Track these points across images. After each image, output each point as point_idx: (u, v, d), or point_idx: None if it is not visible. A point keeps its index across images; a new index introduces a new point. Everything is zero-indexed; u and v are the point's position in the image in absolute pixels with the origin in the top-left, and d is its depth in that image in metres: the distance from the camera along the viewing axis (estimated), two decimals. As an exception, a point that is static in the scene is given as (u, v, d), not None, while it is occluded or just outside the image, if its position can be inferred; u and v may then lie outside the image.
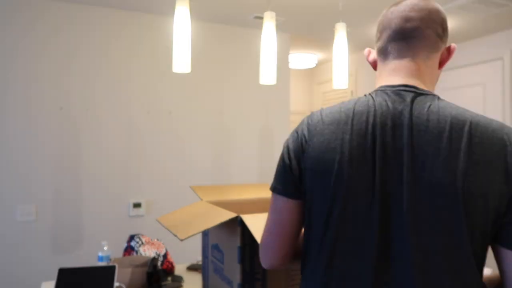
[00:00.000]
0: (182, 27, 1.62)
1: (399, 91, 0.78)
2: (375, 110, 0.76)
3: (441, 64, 0.84)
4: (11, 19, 2.43)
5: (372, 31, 3.20)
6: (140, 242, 1.88)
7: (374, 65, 0.89)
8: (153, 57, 2.81)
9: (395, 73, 0.82)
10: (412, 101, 0.75)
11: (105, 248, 1.71)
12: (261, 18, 2.87)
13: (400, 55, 0.82)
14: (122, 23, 2.72)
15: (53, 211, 2.52)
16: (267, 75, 1.84)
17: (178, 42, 1.61)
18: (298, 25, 3.05)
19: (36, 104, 2.49)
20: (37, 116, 2.49)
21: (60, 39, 2.55)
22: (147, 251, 1.85)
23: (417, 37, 0.80)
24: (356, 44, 3.60)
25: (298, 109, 4.73)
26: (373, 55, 0.89)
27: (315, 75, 4.67)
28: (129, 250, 1.89)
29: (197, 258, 2.46)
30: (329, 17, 2.86)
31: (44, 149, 2.50)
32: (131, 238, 1.93)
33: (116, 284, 1.44)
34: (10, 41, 2.43)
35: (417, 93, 0.77)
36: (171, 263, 1.82)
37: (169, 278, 1.74)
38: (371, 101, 0.77)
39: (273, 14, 1.85)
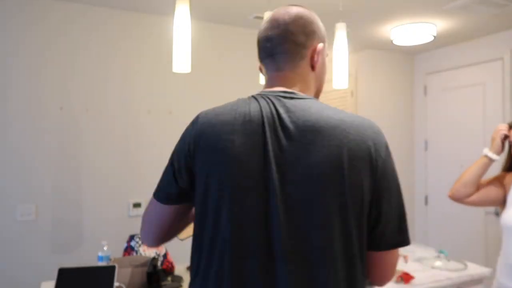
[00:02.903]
0: (182, 27, 1.62)
1: (278, 96, 0.85)
2: (260, 111, 0.82)
3: (313, 66, 0.92)
4: (12, 18, 2.43)
5: (372, 31, 3.20)
6: (140, 242, 1.88)
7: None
8: (153, 57, 2.81)
9: (273, 83, 0.91)
10: (286, 103, 0.83)
11: (105, 248, 1.71)
12: (261, 18, 2.86)
13: (272, 69, 0.91)
14: (122, 23, 2.72)
15: (53, 211, 2.52)
16: (267, 75, 1.83)
17: (178, 42, 1.61)
18: (298, 25, 3.04)
19: (36, 104, 2.49)
20: (37, 116, 2.49)
21: (60, 39, 2.55)
22: (147, 251, 1.85)
23: (279, 52, 0.89)
24: (356, 44, 3.60)
25: (298, 109, 4.72)
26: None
27: (315, 75, 4.67)
28: (129, 250, 1.89)
29: (197, 258, 2.46)
30: (329, 17, 2.86)
31: (44, 149, 2.50)
32: (131, 238, 1.93)
33: (116, 284, 1.44)
34: (11, 41, 2.43)
35: (292, 97, 0.84)
36: (171, 263, 1.83)
37: (169, 278, 1.75)
38: (254, 104, 0.84)
39: (273, 14, 1.85)
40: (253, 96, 0.87)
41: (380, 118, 3.83)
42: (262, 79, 1.87)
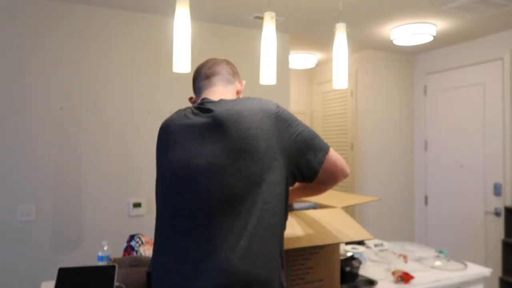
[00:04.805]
0: (182, 27, 1.62)
1: (204, 103, 1.16)
2: (186, 116, 1.15)
3: (238, 93, 1.30)
4: (13, 18, 2.43)
5: (372, 31, 3.20)
6: (140, 242, 1.88)
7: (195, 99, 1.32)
8: (153, 57, 2.81)
9: (206, 95, 1.24)
10: (214, 105, 1.14)
11: (105, 248, 1.71)
12: (261, 18, 2.87)
13: (207, 87, 1.25)
14: (122, 23, 2.72)
15: (53, 211, 2.52)
16: (267, 75, 1.84)
17: (178, 42, 1.61)
18: (298, 25, 3.05)
19: (36, 104, 2.49)
20: (37, 116, 2.49)
21: (60, 39, 2.55)
22: (147, 251, 1.85)
23: (216, 74, 1.26)
24: (356, 44, 3.60)
25: (298, 109, 4.73)
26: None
27: (315, 75, 4.68)
28: (129, 250, 1.89)
29: (197, 258, 2.46)
30: (329, 17, 2.86)
31: (44, 149, 2.50)
32: (131, 238, 1.93)
33: (116, 284, 1.44)
34: (11, 41, 2.43)
35: (219, 101, 1.15)
36: (171, 263, 1.82)
37: (169, 278, 1.74)
38: (183, 113, 1.17)
39: (273, 14, 1.85)
40: (186, 108, 1.20)
41: (380, 118, 3.83)
42: (262, 79, 1.87)
